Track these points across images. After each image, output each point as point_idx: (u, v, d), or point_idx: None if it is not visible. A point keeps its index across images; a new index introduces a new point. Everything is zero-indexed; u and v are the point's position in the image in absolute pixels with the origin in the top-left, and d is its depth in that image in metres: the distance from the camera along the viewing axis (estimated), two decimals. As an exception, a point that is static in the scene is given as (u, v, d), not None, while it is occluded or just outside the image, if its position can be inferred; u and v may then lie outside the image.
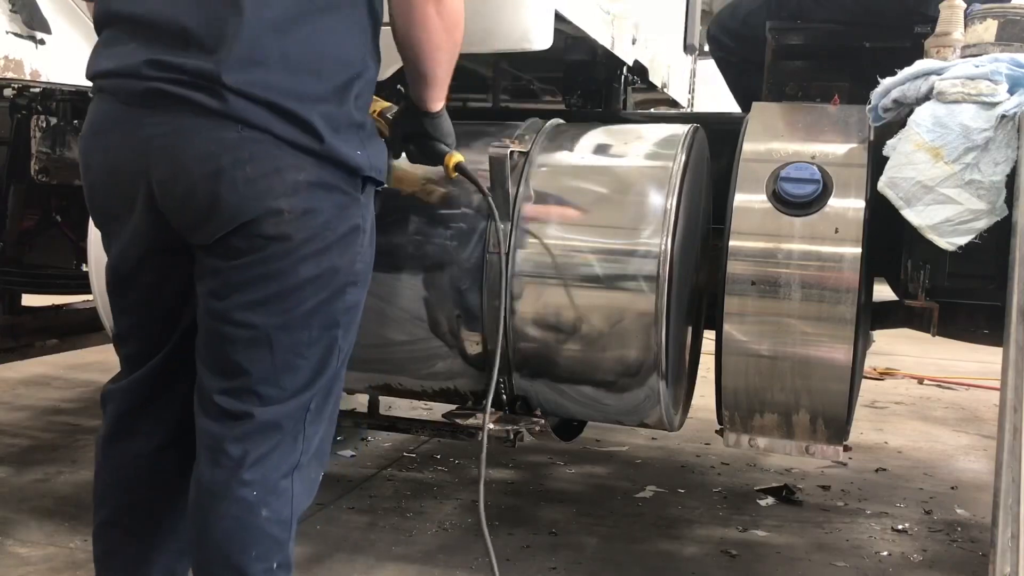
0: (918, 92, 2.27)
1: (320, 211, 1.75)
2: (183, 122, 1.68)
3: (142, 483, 1.97)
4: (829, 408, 2.42)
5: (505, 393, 2.51)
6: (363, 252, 1.87)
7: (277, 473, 1.81)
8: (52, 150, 3.14)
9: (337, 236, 1.78)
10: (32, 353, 3.76)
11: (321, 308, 1.79)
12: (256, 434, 1.79)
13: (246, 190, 1.68)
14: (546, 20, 2.50)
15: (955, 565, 3.01)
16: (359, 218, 1.83)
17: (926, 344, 4.30)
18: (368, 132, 1.86)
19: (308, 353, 1.81)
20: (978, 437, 4.61)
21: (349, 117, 1.79)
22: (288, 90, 1.69)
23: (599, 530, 3.20)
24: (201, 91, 1.66)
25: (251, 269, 1.73)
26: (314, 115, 1.70)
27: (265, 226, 1.70)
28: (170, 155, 1.70)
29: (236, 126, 1.67)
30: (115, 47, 1.78)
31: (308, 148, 1.71)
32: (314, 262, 1.76)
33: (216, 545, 1.80)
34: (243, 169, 1.68)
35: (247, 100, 1.66)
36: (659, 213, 2.36)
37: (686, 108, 4.48)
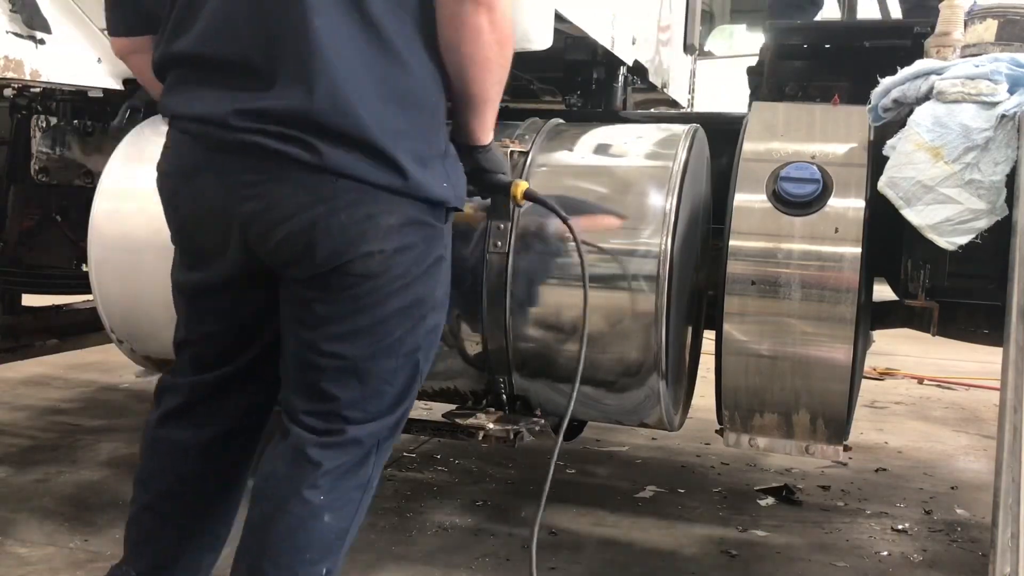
0: (918, 92, 2.27)
1: (411, 248, 1.78)
2: (277, 174, 1.69)
3: (186, 473, 1.99)
4: (829, 408, 2.42)
5: (505, 393, 2.51)
6: (445, 278, 1.91)
7: (349, 484, 1.85)
8: (52, 150, 3.14)
9: (423, 269, 1.82)
10: (32, 353, 3.76)
11: (406, 336, 1.83)
12: (338, 446, 1.83)
13: (341, 237, 1.70)
14: (546, 20, 2.50)
15: (955, 565, 3.01)
16: (443, 248, 1.88)
17: (926, 344, 4.30)
18: (452, 160, 1.87)
19: (394, 380, 1.85)
20: (978, 437, 4.60)
21: (436, 149, 1.80)
22: (378, 130, 1.68)
23: (599, 530, 3.20)
24: (294, 144, 1.66)
25: (342, 303, 1.77)
26: (402, 153, 1.70)
27: (358, 266, 1.73)
28: (264, 206, 1.72)
29: (331, 177, 1.68)
30: (194, 88, 1.77)
31: (398, 189, 1.72)
32: (402, 295, 1.79)
33: (272, 541, 1.81)
34: (338, 217, 1.69)
35: (339, 148, 1.66)
36: (659, 213, 2.36)
37: (686, 108, 4.48)
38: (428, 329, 1.88)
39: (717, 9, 9.07)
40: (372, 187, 1.70)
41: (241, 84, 1.70)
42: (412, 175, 1.72)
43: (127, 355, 2.98)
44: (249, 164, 1.71)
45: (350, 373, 1.81)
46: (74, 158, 3.20)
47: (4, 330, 3.66)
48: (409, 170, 1.71)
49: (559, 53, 3.08)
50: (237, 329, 1.95)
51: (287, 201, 1.70)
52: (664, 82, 3.90)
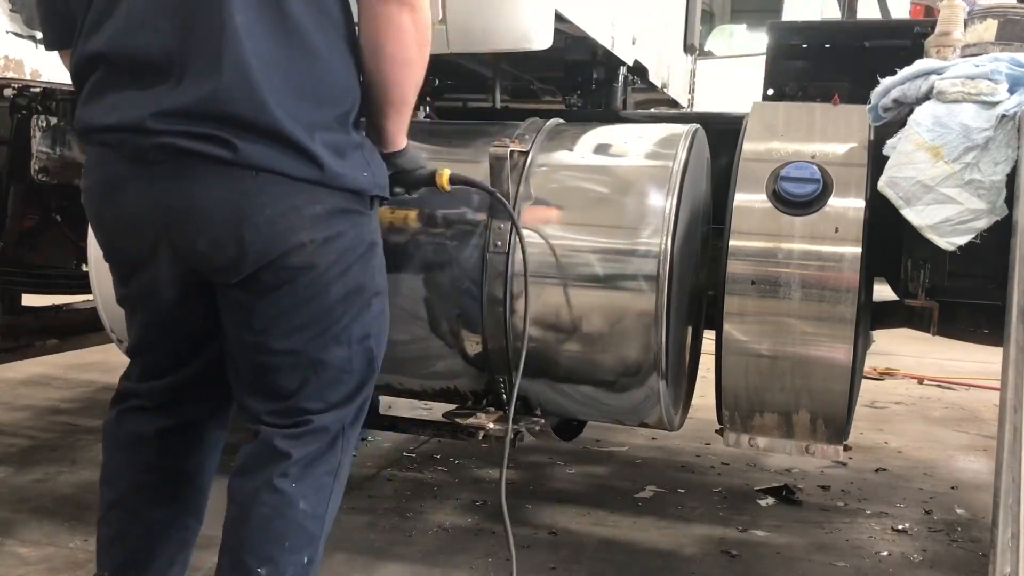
0: (918, 92, 2.27)
1: (340, 235, 1.80)
2: (195, 173, 1.70)
3: (149, 464, 2.00)
4: (829, 408, 2.42)
5: (505, 393, 2.51)
6: (379, 264, 1.94)
7: (319, 471, 1.87)
8: (52, 150, 3.14)
9: (358, 255, 1.85)
10: (32, 353, 3.76)
11: (354, 323, 1.86)
12: (305, 435, 1.86)
13: (269, 231, 1.72)
14: (546, 20, 2.50)
15: (955, 565, 3.00)
16: (374, 233, 1.91)
17: (926, 344, 4.30)
18: (370, 151, 1.89)
19: (349, 367, 1.89)
20: (978, 437, 4.60)
21: (352, 141, 1.82)
22: (291, 123, 1.69)
23: (599, 530, 3.20)
24: (211, 142, 1.66)
25: (283, 300, 1.79)
26: (318, 145, 1.72)
27: (292, 259, 1.75)
28: (189, 210, 1.72)
29: (251, 172, 1.69)
30: (109, 95, 1.75)
31: (317, 180, 1.73)
32: (341, 283, 1.82)
33: (250, 533, 1.83)
34: (263, 213, 1.71)
35: (256, 143, 1.67)
36: (659, 213, 2.36)
37: (686, 108, 4.48)
38: (375, 315, 1.92)
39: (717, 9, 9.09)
40: (292, 179, 1.71)
41: (154, 83, 1.69)
42: (329, 166, 1.73)
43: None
44: (169, 169, 1.70)
45: (305, 366, 1.84)
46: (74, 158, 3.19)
47: (4, 330, 3.66)
48: (326, 161, 1.73)
49: (559, 53, 3.08)
50: (182, 339, 1.95)
51: (211, 201, 1.70)
52: (664, 82, 3.90)
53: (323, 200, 1.76)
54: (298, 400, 1.86)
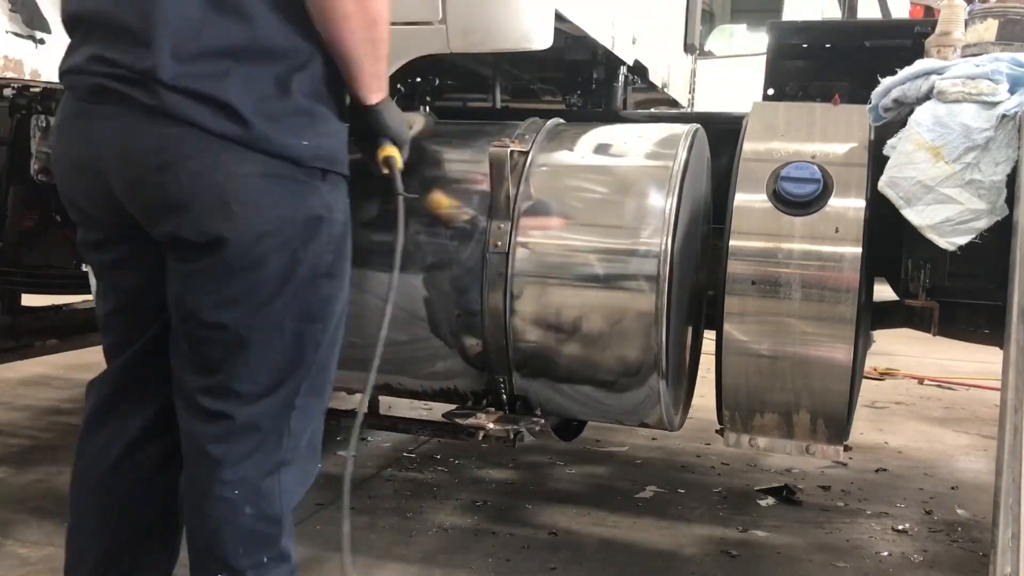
0: (918, 91, 2.27)
1: (275, 204, 1.72)
2: (128, 118, 1.70)
3: (114, 480, 1.95)
4: (829, 408, 2.42)
5: (505, 393, 2.51)
6: (333, 243, 1.82)
7: (260, 471, 1.81)
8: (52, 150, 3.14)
9: (298, 228, 1.75)
10: (32, 353, 3.76)
11: (292, 302, 1.77)
12: (236, 434, 1.79)
13: (192, 184, 1.68)
14: (546, 20, 2.50)
15: (955, 565, 3.00)
16: (321, 208, 1.78)
17: (926, 344, 4.29)
18: (322, 120, 1.79)
19: (283, 349, 1.79)
20: (978, 437, 4.60)
21: (293, 106, 1.73)
22: (220, 82, 1.66)
23: (599, 530, 3.20)
24: (138, 87, 1.67)
25: (213, 269, 1.73)
26: (244, 104, 1.67)
27: (216, 221, 1.69)
28: (119, 148, 1.72)
29: (175, 122, 1.66)
30: (79, 48, 1.80)
31: (241, 139, 1.68)
32: (276, 256, 1.73)
33: (206, 541, 1.82)
34: (186, 165, 1.67)
35: (181, 95, 1.65)
36: (659, 213, 2.36)
37: (686, 108, 4.48)
38: (323, 298, 1.82)
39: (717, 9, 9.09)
40: (217, 137, 1.67)
41: (106, 39, 1.72)
42: (256, 126, 1.68)
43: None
44: (106, 111, 1.71)
45: (234, 342, 1.76)
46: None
47: (4, 330, 3.66)
48: (252, 121, 1.67)
49: (559, 53, 3.08)
50: (134, 305, 1.92)
51: (139, 145, 1.69)
52: (664, 82, 3.90)
53: (252, 162, 1.69)
54: (227, 379, 1.78)
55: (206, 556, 1.82)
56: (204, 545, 1.82)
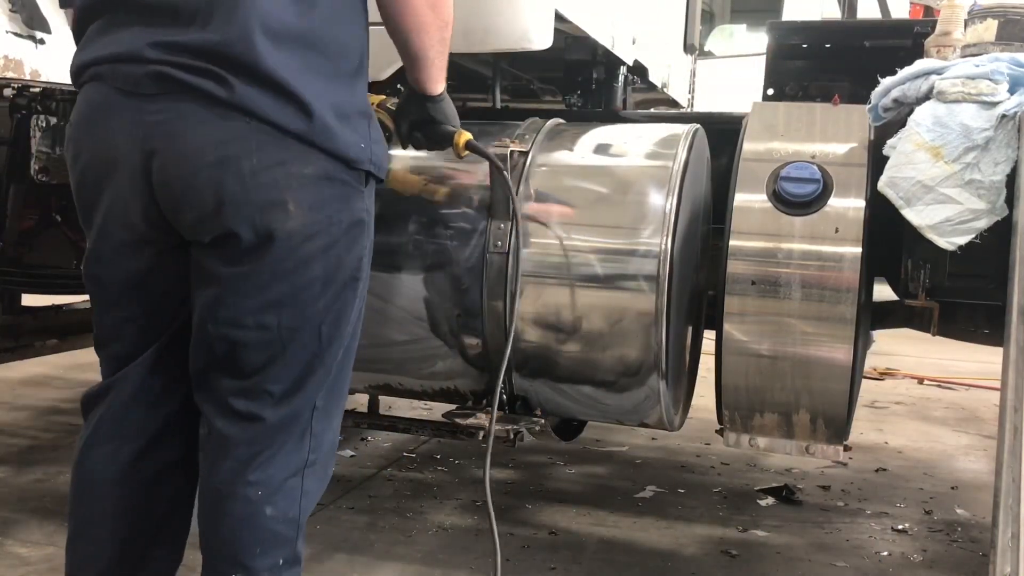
0: (918, 92, 2.27)
1: (325, 205, 1.72)
2: (188, 108, 1.64)
3: (123, 488, 1.91)
4: (829, 408, 2.42)
5: (505, 393, 2.51)
6: (367, 247, 1.85)
7: (284, 472, 1.80)
8: (52, 150, 3.13)
9: (342, 231, 1.75)
10: (32, 353, 3.76)
11: (331, 305, 1.78)
12: (265, 436, 1.79)
13: (251, 181, 1.65)
14: (546, 20, 2.50)
15: (955, 565, 3.01)
16: (363, 212, 1.81)
17: (926, 344, 4.29)
18: (373, 124, 1.83)
19: (319, 350, 1.79)
20: (978, 437, 4.60)
21: (359, 106, 1.77)
22: (298, 74, 1.64)
23: (599, 530, 3.20)
24: (208, 77, 1.62)
25: (259, 271, 1.70)
26: (316, 101, 1.66)
27: (270, 220, 1.66)
28: (174, 141, 1.65)
29: (243, 116, 1.63)
30: (112, 33, 1.71)
31: (308, 138, 1.67)
32: (322, 258, 1.73)
33: (222, 542, 1.80)
34: (250, 159, 1.64)
35: (254, 87, 1.62)
36: (659, 213, 2.36)
37: (686, 108, 4.48)
38: (349, 301, 1.82)
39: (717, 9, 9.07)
40: (283, 133, 1.65)
41: (161, 23, 1.66)
42: (324, 123, 1.67)
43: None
44: (159, 101, 1.65)
45: (275, 344, 1.74)
46: (75, 158, 3.19)
47: (4, 330, 3.66)
48: (322, 119, 1.67)
49: (559, 53, 3.08)
50: (148, 314, 1.86)
51: (197, 140, 1.64)
52: (664, 82, 3.90)
53: (313, 163, 1.69)
54: (262, 379, 1.76)
55: (221, 557, 1.80)
56: (220, 546, 1.80)
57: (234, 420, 1.79)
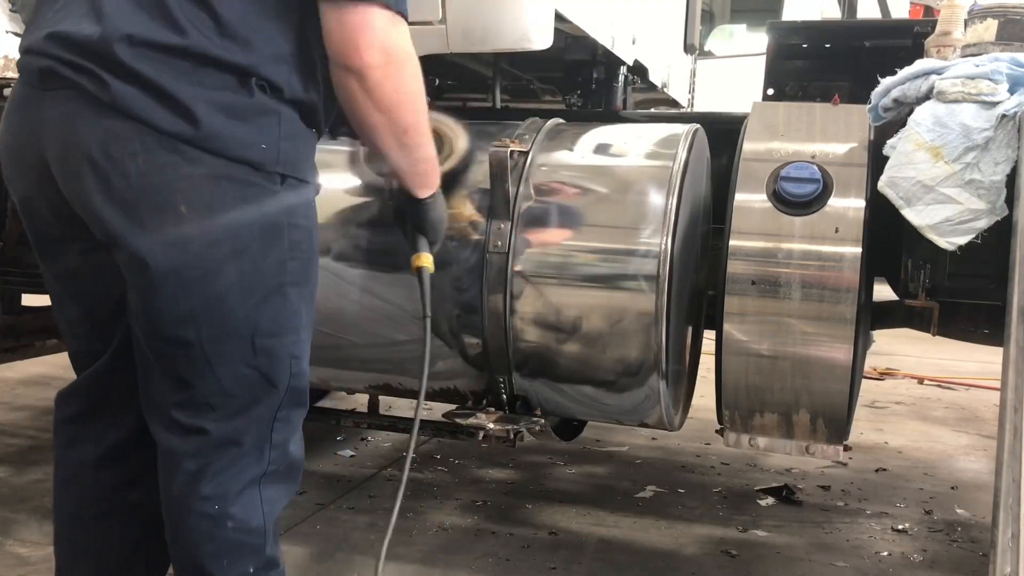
0: (918, 91, 2.27)
1: (226, 208, 1.60)
2: (75, 107, 1.58)
3: (88, 495, 1.89)
4: (829, 408, 2.42)
5: (505, 393, 2.51)
6: (297, 251, 1.71)
7: (239, 484, 1.74)
8: None
9: (254, 236, 1.64)
10: (32, 353, 3.76)
11: (255, 315, 1.67)
12: (213, 449, 1.72)
13: (139, 183, 1.56)
14: (546, 20, 2.50)
15: (955, 565, 3.01)
16: (280, 214, 1.67)
17: (926, 344, 4.30)
18: (289, 123, 1.68)
19: (255, 362, 1.70)
20: (978, 437, 4.60)
21: (260, 105, 1.63)
22: (177, 75, 1.55)
23: (599, 530, 3.20)
24: (86, 75, 1.56)
25: (168, 283, 1.61)
26: (209, 105, 1.57)
27: (166, 226, 1.58)
28: (64, 140, 1.60)
29: (122, 117, 1.55)
30: (34, 23, 1.69)
31: (191, 138, 1.57)
32: (233, 264, 1.63)
33: (187, 555, 1.77)
34: (135, 160, 1.56)
35: (134, 88, 1.54)
36: (659, 213, 2.36)
37: (686, 108, 4.48)
38: (292, 309, 1.72)
39: (717, 9, 9.06)
40: (168, 135, 1.55)
41: (61, 15, 1.62)
42: (209, 125, 1.56)
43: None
44: (51, 98, 1.60)
45: (199, 358, 1.65)
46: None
47: (4, 330, 3.66)
48: (205, 120, 1.56)
49: (559, 53, 3.08)
50: (91, 307, 1.81)
51: (83, 139, 1.57)
52: (664, 82, 3.90)
53: (206, 164, 1.57)
54: (200, 394, 1.68)
55: (190, 570, 1.77)
56: (187, 560, 1.77)
57: (177, 433, 1.72)
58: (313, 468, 3.68)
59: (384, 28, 1.65)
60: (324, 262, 2.40)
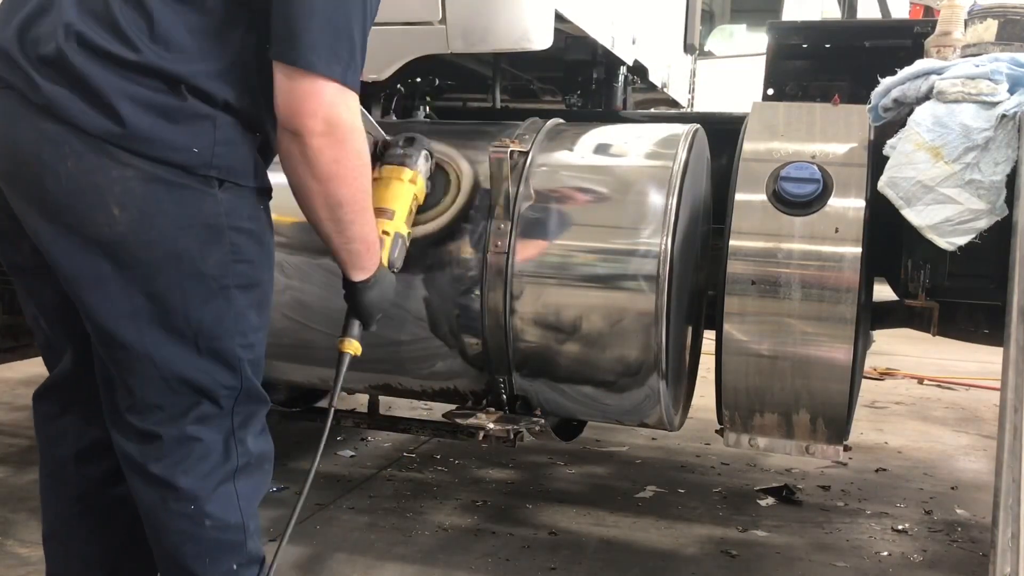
0: (918, 92, 2.27)
1: (159, 209, 1.60)
2: (9, 107, 1.59)
3: (72, 493, 1.90)
4: (829, 408, 2.42)
5: (505, 393, 2.51)
6: (241, 253, 1.70)
7: (212, 482, 1.74)
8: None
9: (192, 237, 1.64)
10: (32, 353, 3.75)
11: (197, 316, 1.67)
12: (175, 451, 1.72)
13: (69, 185, 1.57)
14: (546, 20, 2.51)
15: (955, 565, 3.00)
16: (218, 216, 1.66)
17: (926, 344, 4.30)
18: (225, 128, 1.65)
19: (206, 365, 1.70)
20: (978, 437, 4.60)
21: (193, 109, 1.61)
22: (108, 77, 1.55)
23: (599, 530, 3.20)
24: (20, 75, 1.57)
25: (105, 284, 1.62)
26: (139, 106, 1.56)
27: (101, 229, 1.59)
28: (6, 146, 1.61)
29: (55, 119, 1.56)
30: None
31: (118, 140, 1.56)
32: (172, 266, 1.63)
33: (169, 556, 1.77)
34: (65, 164, 1.56)
35: (62, 88, 1.54)
36: (659, 213, 2.36)
37: (686, 108, 4.48)
38: (238, 311, 1.71)
39: (717, 9, 9.07)
40: (96, 136, 1.55)
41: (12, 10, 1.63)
42: (135, 127, 1.56)
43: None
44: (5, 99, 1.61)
45: (143, 359, 1.66)
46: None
47: (4, 330, 3.66)
48: (131, 121, 1.55)
49: (559, 53, 3.08)
50: (46, 306, 1.81)
51: (16, 141, 1.59)
52: (664, 82, 3.91)
53: (137, 166, 1.57)
54: (147, 394, 1.69)
55: (173, 570, 1.78)
56: (170, 561, 1.78)
57: (132, 437, 1.73)
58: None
59: (332, 101, 1.63)
60: (324, 263, 2.42)
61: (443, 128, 2.98)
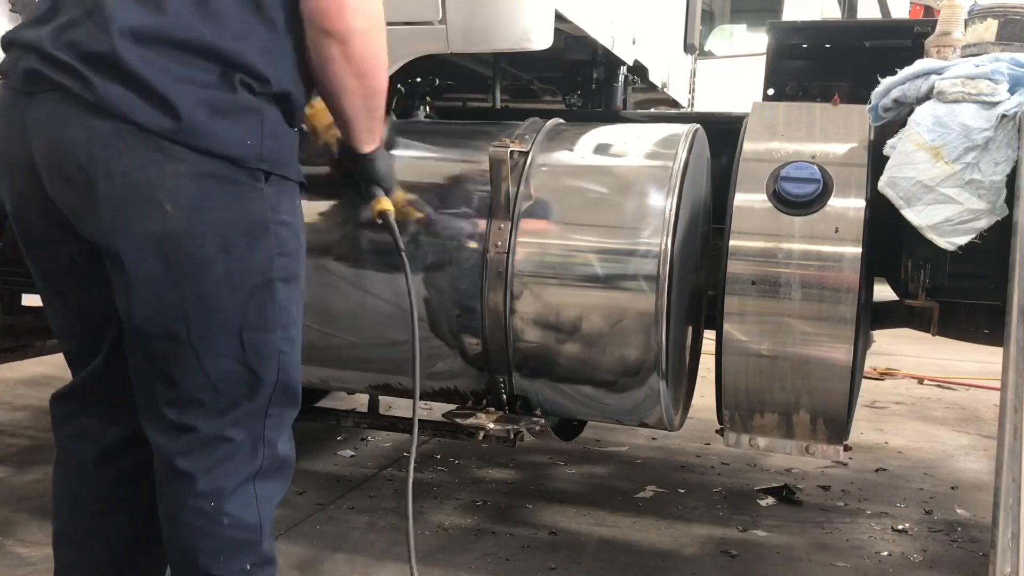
0: (918, 92, 2.27)
1: (211, 205, 1.63)
2: (59, 108, 1.60)
3: (89, 493, 1.91)
4: (829, 408, 2.42)
5: (505, 393, 2.51)
6: (284, 247, 1.73)
7: (234, 481, 1.76)
8: None
9: (240, 231, 1.66)
10: (32, 353, 3.76)
11: (243, 310, 1.69)
12: (204, 446, 1.73)
13: (124, 182, 1.58)
14: (546, 20, 2.50)
15: (955, 565, 3.01)
16: (265, 211, 1.69)
17: (926, 344, 4.29)
18: (272, 122, 1.70)
19: (244, 358, 1.72)
20: (978, 437, 4.60)
21: (243, 102, 1.64)
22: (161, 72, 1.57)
23: (599, 530, 3.20)
24: (72, 76, 1.58)
25: (156, 279, 1.64)
26: (192, 100, 1.59)
27: (152, 224, 1.60)
28: (49, 143, 1.62)
29: (107, 115, 1.57)
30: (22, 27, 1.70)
31: (175, 134, 1.58)
32: (221, 261, 1.65)
33: (184, 553, 1.78)
34: (119, 160, 1.58)
35: (116, 85, 1.56)
36: (659, 213, 2.36)
37: (686, 108, 4.48)
38: (280, 305, 1.74)
39: (717, 9, 9.08)
40: (150, 132, 1.57)
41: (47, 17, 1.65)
42: (192, 121, 1.58)
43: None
44: (36, 100, 1.63)
45: (188, 354, 1.67)
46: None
47: (4, 330, 3.66)
48: (188, 116, 1.58)
49: (559, 53, 3.08)
50: (81, 310, 1.83)
51: (67, 140, 1.60)
52: (664, 82, 3.91)
53: (187, 160, 1.59)
54: (188, 391, 1.71)
55: (187, 568, 1.78)
56: (184, 557, 1.78)
57: (170, 431, 1.74)
58: (313, 468, 3.68)
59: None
60: (325, 262, 2.42)
61: (443, 128, 2.98)
